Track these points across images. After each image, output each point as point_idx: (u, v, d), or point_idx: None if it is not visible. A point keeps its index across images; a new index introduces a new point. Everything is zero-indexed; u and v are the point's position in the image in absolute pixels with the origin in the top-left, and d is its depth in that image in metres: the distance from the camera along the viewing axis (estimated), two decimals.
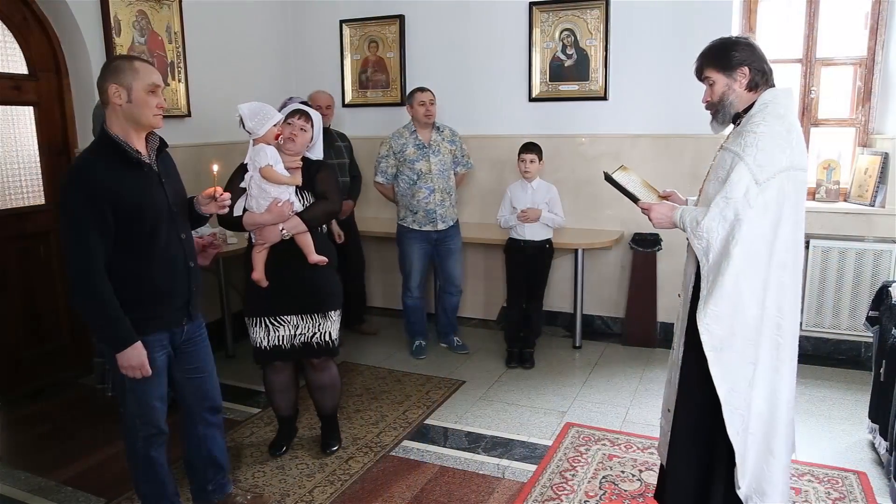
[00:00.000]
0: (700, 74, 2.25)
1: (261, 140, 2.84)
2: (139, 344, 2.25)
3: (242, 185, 2.87)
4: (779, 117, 2.09)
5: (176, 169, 2.50)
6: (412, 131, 4.34)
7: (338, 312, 3.10)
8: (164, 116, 2.36)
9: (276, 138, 2.87)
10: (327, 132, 4.65)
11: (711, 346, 2.11)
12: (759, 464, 2.19)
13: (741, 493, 2.18)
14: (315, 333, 3.03)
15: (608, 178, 2.44)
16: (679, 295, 2.39)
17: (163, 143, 2.42)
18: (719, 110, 2.23)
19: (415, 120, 4.33)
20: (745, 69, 2.15)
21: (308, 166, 3.01)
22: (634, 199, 2.40)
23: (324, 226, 3.05)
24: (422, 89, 4.30)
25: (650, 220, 2.32)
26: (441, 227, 4.39)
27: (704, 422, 2.22)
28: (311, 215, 2.94)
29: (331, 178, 3.07)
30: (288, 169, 2.90)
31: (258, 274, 2.93)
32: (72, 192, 2.17)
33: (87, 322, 2.29)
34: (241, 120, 2.85)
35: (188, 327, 2.48)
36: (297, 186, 2.93)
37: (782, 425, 2.19)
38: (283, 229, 2.87)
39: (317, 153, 3.09)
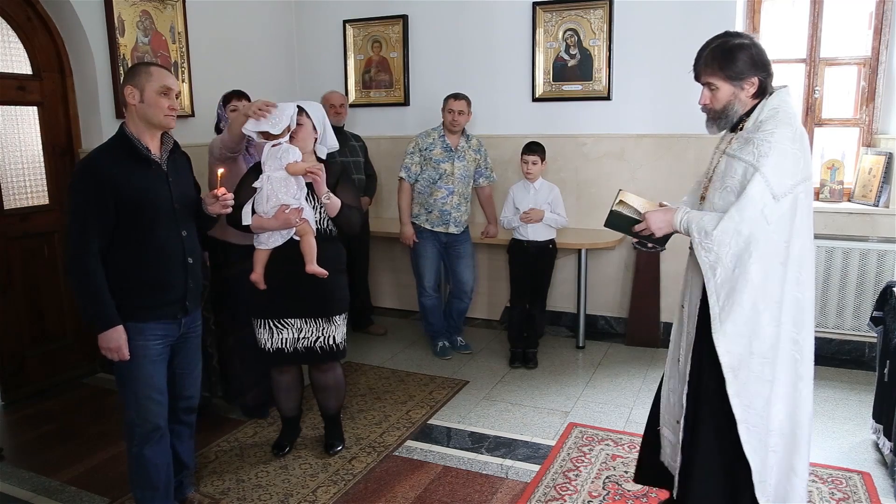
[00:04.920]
0: (701, 78, 2.14)
1: (278, 137, 2.84)
2: (121, 328, 2.34)
3: (256, 184, 2.86)
4: (789, 125, 2.03)
5: (189, 170, 2.62)
6: (441, 134, 4.35)
7: (343, 317, 3.08)
8: None
9: (295, 140, 2.88)
10: (342, 132, 4.67)
11: (730, 366, 2.05)
12: (783, 482, 2.14)
13: None
14: (319, 338, 3.02)
15: (613, 220, 2.34)
16: (682, 306, 2.32)
17: (176, 145, 2.54)
18: (721, 117, 2.14)
19: (443, 124, 4.35)
20: (755, 79, 2.07)
21: (328, 169, 2.97)
22: (636, 229, 2.31)
23: (334, 230, 3.04)
24: (455, 96, 4.29)
25: (651, 230, 2.24)
26: (452, 230, 4.39)
27: (728, 438, 2.14)
28: (345, 212, 2.94)
29: (353, 191, 3.08)
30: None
31: (257, 275, 2.92)
32: (78, 180, 2.33)
33: (77, 300, 2.40)
34: (286, 130, 2.86)
35: (185, 321, 2.53)
36: (307, 193, 2.91)
37: (804, 442, 2.13)
38: (329, 199, 2.88)
39: (330, 143, 3.07)
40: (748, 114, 2.14)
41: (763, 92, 2.11)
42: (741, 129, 2.15)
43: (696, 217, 2.11)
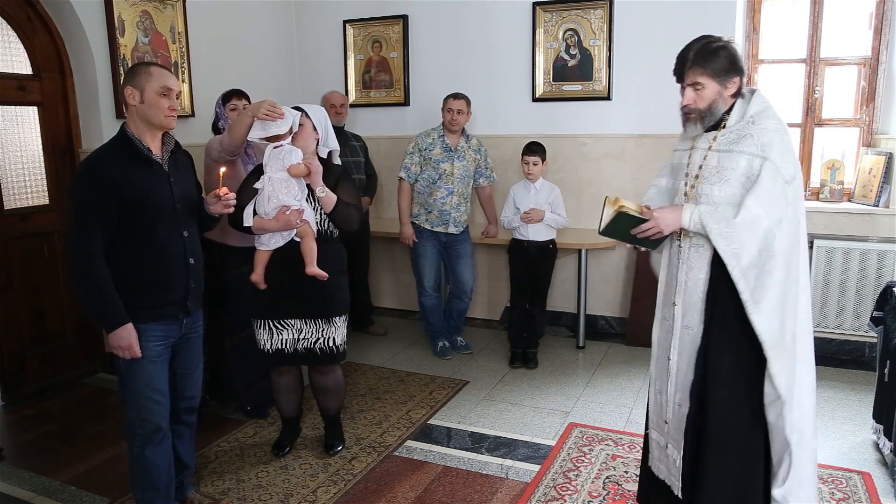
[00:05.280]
0: (687, 78, 2.17)
1: (280, 139, 2.85)
2: (130, 325, 2.34)
3: (257, 185, 2.87)
4: (779, 119, 2.15)
5: (191, 170, 2.63)
6: (441, 134, 4.35)
7: (343, 318, 3.08)
8: None
9: (293, 141, 2.89)
10: (342, 132, 4.66)
11: (771, 344, 2.07)
12: (797, 458, 2.18)
13: (779, 492, 2.16)
14: (318, 339, 3.01)
15: (615, 224, 2.27)
16: (675, 303, 2.31)
17: (177, 145, 2.54)
18: (706, 116, 2.19)
19: (443, 124, 4.35)
20: (737, 79, 2.15)
21: (329, 170, 3.00)
22: (642, 229, 2.27)
23: (335, 231, 3.04)
24: (455, 96, 4.29)
25: (659, 229, 2.22)
26: (452, 230, 4.39)
27: (744, 433, 2.17)
28: (342, 210, 2.93)
29: (353, 190, 3.08)
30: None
31: (257, 276, 2.93)
32: (80, 181, 2.33)
33: (83, 302, 2.39)
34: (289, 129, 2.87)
35: (187, 322, 2.53)
36: (308, 194, 2.92)
37: (810, 417, 2.18)
38: (324, 192, 2.88)
39: (332, 144, 3.08)
40: (727, 112, 2.21)
41: (739, 91, 2.19)
42: (723, 126, 2.20)
43: (708, 211, 2.15)
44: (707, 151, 2.21)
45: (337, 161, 3.13)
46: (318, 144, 3.00)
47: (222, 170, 2.56)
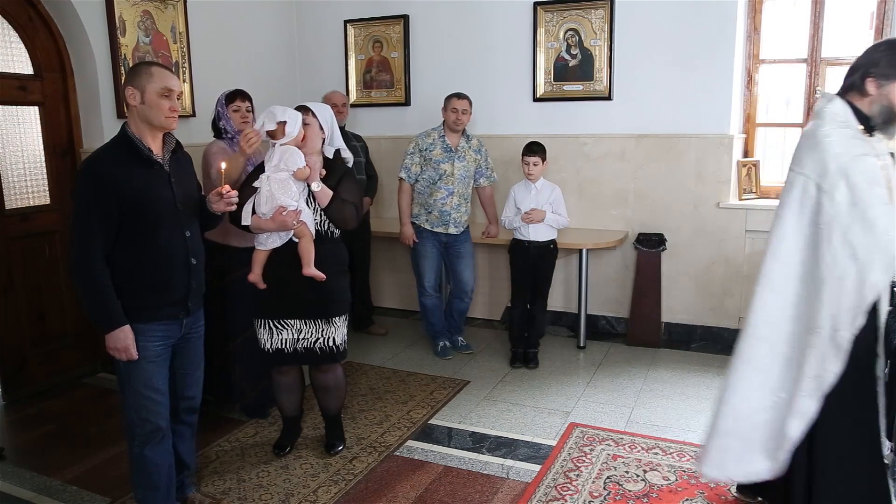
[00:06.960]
0: None
1: (290, 143, 2.86)
2: (127, 327, 2.34)
3: (256, 184, 2.87)
4: None
5: (191, 170, 2.61)
6: (441, 134, 4.34)
7: (343, 318, 3.08)
8: None
9: (303, 140, 2.90)
10: (343, 132, 4.64)
11: None
12: None
13: None
14: (318, 339, 3.01)
15: None
16: None
17: (178, 145, 2.53)
18: None
19: (445, 124, 4.34)
20: None
21: (332, 169, 3.01)
22: None
23: (336, 231, 3.04)
24: (458, 95, 4.29)
25: None
26: (452, 230, 4.39)
27: None
28: (337, 206, 2.94)
29: (355, 189, 3.08)
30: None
31: (255, 276, 2.93)
32: (81, 181, 2.34)
33: (82, 301, 2.39)
34: (280, 125, 2.85)
35: (187, 322, 2.53)
36: (308, 194, 2.93)
37: None
38: (319, 187, 2.90)
39: (337, 143, 3.09)
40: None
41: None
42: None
43: None
44: (887, 157, 2.24)
45: (348, 156, 3.14)
46: (323, 143, 3.01)
47: (223, 166, 2.56)
